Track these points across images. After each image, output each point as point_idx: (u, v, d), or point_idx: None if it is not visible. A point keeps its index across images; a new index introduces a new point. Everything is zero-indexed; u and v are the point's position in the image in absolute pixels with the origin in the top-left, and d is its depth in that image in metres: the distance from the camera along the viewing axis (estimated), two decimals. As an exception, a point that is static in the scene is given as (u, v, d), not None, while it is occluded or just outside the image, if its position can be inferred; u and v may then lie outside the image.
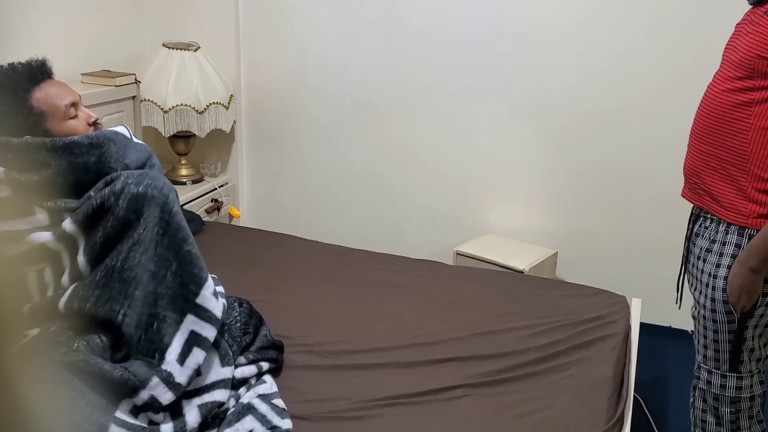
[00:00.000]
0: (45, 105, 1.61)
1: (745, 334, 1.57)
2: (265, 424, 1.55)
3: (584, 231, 2.89)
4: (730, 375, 1.60)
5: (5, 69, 1.60)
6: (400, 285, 2.29)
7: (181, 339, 1.53)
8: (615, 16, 2.61)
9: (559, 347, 1.94)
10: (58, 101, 1.62)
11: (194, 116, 2.91)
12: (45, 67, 1.66)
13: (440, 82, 2.91)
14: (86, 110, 1.71)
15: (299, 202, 3.31)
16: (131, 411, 1.43)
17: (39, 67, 1.64)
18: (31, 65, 1.63)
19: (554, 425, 1.62)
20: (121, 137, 1.70)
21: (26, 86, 1.59)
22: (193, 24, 3.09)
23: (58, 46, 2.70)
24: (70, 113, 1.64)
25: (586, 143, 2.79)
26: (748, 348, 1.58)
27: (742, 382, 1.60)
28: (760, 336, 1.59)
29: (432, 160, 3.03)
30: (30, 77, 1.60)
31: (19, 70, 1.60)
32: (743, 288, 1.50)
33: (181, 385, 1.49)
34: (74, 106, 1.66)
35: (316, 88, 3.11)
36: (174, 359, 1.50)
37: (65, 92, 1.66)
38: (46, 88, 1.62)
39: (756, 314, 1.55)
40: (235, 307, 1.80)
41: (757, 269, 1.48)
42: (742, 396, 1.60)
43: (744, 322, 1.55)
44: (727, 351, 1.59)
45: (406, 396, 1.69)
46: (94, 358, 1.42)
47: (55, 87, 1.64)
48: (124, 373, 1.43)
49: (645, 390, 2.36)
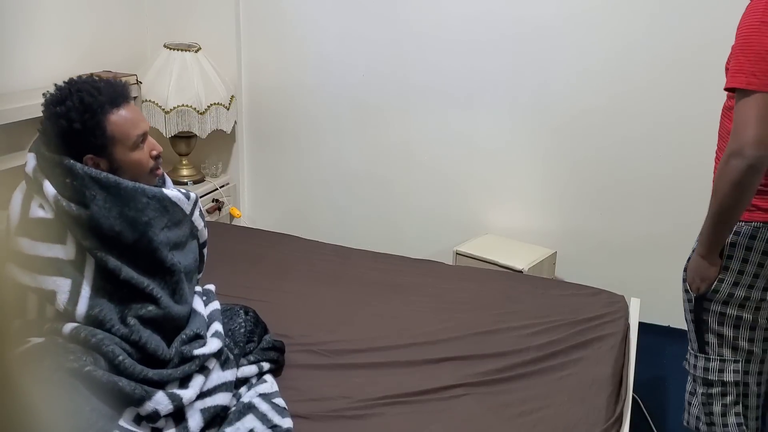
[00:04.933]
0: (118, 131, 1.55)
1: (704, 316, 1.67)
2: (265, 423, 1.55)
3: (583, 231, 2.89)
4: (699, 355, 1.71)
5: (89, 86, 1.54)
6: (400, 285, 2.30)
7: None
8: (614, 16, 2.61)
9: (558, 347, 1.95)
10: (132, 130, 1.57)
11: (195, 117, 2.92)
12: (126, 91, 1.60)
13: (440, 83, 2.92)
14: (152, 141, 1.65)
15: (300, 202, 3.32)
16: (134, 420, 1.45)
17: (121, 89, 1.59)
18: (114, 86, 1.58)
19: (553, 424, 1.63)
20: (179, 211, 1.67)
21: (106, 108, 1.53)
22: (194, 25, 3.10)
23: (59, 46, 2.71)
24: (138, 144, 1.59)
25: (585, 143, 2.80)
26: (713, 332, 1.67)
27: (709, 364, 1.69)
28: (735, 327, 1.65)
29: (431, 160, 3.04)
30: (112, 99, 1.55)
31: (103, 89, 1.54)
32: (694, 271, 1.64)
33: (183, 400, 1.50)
34: (144, 136, 1.61)
35: (316, 89, 3.12)
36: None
37: (139, 121, 1.61)
38: (123, 114, 1.56)
39: (716, 300, 1.64)
40: (241, 314, 1.81)
41: (704, 255, 1.60)
42: (712, 378, 1.69)
43: (701, 305, 1.66)
44: (692, 331, 1.72)
45: (406, 395, 1.70)
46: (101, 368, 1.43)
47: (131, 114, 1.59)
48: (131, 382, 1.44)
49: (644, 389, 2.37)
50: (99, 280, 1.53)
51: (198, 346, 1.59)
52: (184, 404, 1.49)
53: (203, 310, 1.72)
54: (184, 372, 1.53)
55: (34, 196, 1.54)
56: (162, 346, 1.55)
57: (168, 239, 1.62)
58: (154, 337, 1.55)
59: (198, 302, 1.74)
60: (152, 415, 1.45)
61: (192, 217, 1.73)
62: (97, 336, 1.47)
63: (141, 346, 1.51)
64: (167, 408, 1.46)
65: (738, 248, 1.59)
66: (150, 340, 1.53)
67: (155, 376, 1.49)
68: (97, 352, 1.46)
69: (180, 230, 1.68)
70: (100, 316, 1.49)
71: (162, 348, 1.54)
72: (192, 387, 1.53)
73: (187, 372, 1.54)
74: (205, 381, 1.56)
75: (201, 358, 1.57)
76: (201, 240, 1.82)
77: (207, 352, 1.58)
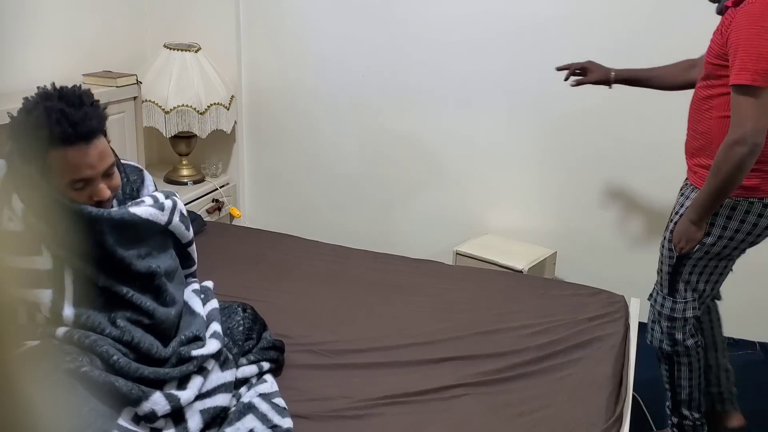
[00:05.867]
0: (55, 167, 1.46)
1: (680, 270, 1.98)
2: (265, 423, 1.55)
3: (583, 231, 2.89)
4: (668, 297, 2.03)
5: (52, 111, 1.43)
6: (400, 285, 2.30)
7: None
8: (614, 15, 2.62)
9: (558, 346, 1.95)
10: (68, 173, 1.46)
11: (195, 117, 2.92)
12: (90, 128, 1.46)
13: (439, 83, 2.92)
14: (100, 188, 1.51)
15: (299, 202, 3.32)
16: (133, 419, 1.45)
17: (87, 124, 1.45)
18: (82, 118, 1.44)
19: (553, 424, 1.63)
20: (152, 226, 1.62)
21: (51, 142, 1.43)
22: (194, 25, 3.10)
23: (59, 46, 2.71)
24: (75, 186, 1.49)
25: (585, 143, 2.80)
26: (684, 281, 1.99)
27: (676, 305, 2.02)
28: (700, 274, 1.98)
29: (431, 160, 3.04)
30: (64, 135, 1.42)
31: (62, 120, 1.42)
32: (682, 234, 1.91)
33: (181, 401, 1.50)
34: (85, 181, 1.49)
35: (316, 89, 3.12)
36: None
37: (82, 166, 1.47)
38: (68, 153, 1.44)
39: (693, 257, 1.95)
40: (239, 312, 1.81)
41: (694, 221, 1.87)
42: (676, 316, 2.03)
43: (681, 261, 1.97)
44: (666, 279, 2.02)
45: (405, 395, 1.70)
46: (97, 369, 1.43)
47: (77, 158, 1.46)
48: (127, 382, 1.44)
49: (644, 389, 2.37)
50: (79, 288, 1.51)
51: (197, 348, 1.58)
52: (182, 405, 1.49)
53: (201, 310, 1.72)
54: (182, 372, 1.53)
55: (4, 208, 1.49)
56: (156, 344, 1.54)
57: (140, 252, 1.59)
58: (147, 336, 1.55)
59: (196, 302, 1.74)
60: (149, 415, 1.44)
61: (170, 225, 1.68)
62: (90, 337, 1.47)
63: (134, 346, 1.51)
64: (164, 408, 1.46)
65: (720, 217, 1.88)
66: (143, 340, 1.53)
67: (151, 375, 1.49)
68: (92, 352, 1.46)
69: (153, 241, 1.65)
70: (89, 323, 1.49)
71: (156, 346, 1.54)
72: (190, 388, 1.53)
73: (184, 372, 1.54)
74: (203, 382, 1.56)
75: (199, 359, 1.56)
76: (184, 241, 1.77)
77: (205, 353, 1.57)
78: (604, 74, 2.24)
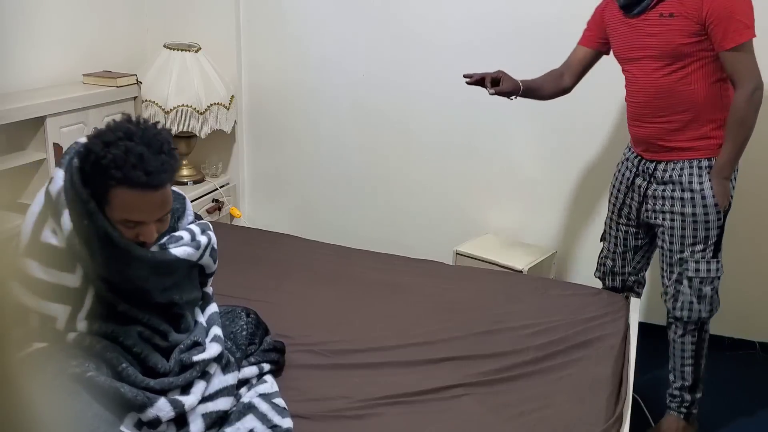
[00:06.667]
0: (114, 203, 1.44)
1: (725, 227, 2.09)
2: (265, 423, 1.56)
3: (583, 231, 2.89)
4: (712, 260, 2.09)
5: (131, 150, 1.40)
6: (400, 285, 2.30)
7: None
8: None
9: (558, 347, 1.95)
10: (124, 213, 1.45)
11: (195, 117, 2.92)
12: (158, 179, 1.44)
13: (439, 83, 2.92)
14: (148, 231, 1.50)
15: (299, 202, 3.33)
16: (135, 425, 1.45)
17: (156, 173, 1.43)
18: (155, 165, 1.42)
19: (553, 424, 1.63)
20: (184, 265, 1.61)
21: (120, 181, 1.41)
22: (193, 25, 3.10)
23: (59, 46, 2.72)
24: (126, 224, 1.48)
25: (585, 143, 2.80)
26: (721, 238, 2.09)
27: (718, 264, 2.10)
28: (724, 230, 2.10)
29: (431, 161, 3.04)
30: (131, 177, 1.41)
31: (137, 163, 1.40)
32: (724, 193, 2.02)
33: (185, 406, 1.50)
34: (137, 223, 1.48)
35: (316, 89, 3.13)
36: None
37: (141, 211, 1.46)
38: (130, 194, 1.43)
39: (727, 211, 2.08)
40: (242, 317, 1.81)
41: (727, 177, 2.02)
42: (720, 275, 2.11)
43: (726, 217, 2.07)
44: (713, 243, 2.08)
45: (405, 395, 1.70)
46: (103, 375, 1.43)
47: (139, 201, 1.45)
48: (132, 389, 1.44)
49: (644, 389, 2.37)
50: (97, 307, 1.50)
51: (197, 353, 1.58)
52: (186, 410, 1.49)
53: (201, 317, 1.71)
54: (186, 380, 1.53)
55: (49, 218, 1.48)
56: (162, 361, 1.54)
57: (165, 284, 1.58)
58: (155, 354, 1.55)
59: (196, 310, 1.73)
60: (153, 421, 1.45)
61: (201, 260, 1.67)
62: (102, 343, 1.47)
63: (142, 359, 1.51)
64: (169, 414, 1.46)
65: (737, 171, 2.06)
66: (150, 355, 1.53)
67: (157, 386, 1.48)
68: (101, 358, 1.45)
69: (181, 273, 1.64)
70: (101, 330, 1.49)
71: (161, 362, 1.54)
72: (194, 393, 1.53)
73: (188, 379, 1.53)
74: (206, 386, 1.56)
75: (201, 364, 1.56)
76: (208, 272, 1.75)
77: (207, 357, 1.57)
78: (514, 85, 2.20)
